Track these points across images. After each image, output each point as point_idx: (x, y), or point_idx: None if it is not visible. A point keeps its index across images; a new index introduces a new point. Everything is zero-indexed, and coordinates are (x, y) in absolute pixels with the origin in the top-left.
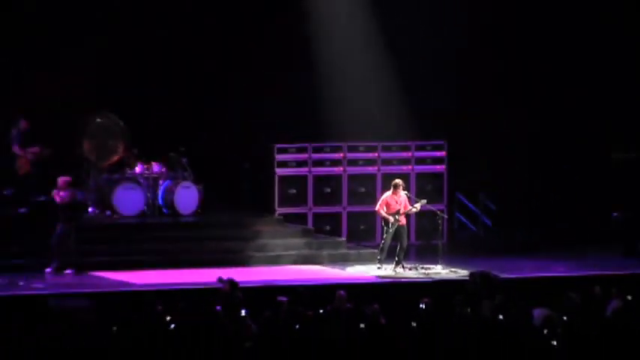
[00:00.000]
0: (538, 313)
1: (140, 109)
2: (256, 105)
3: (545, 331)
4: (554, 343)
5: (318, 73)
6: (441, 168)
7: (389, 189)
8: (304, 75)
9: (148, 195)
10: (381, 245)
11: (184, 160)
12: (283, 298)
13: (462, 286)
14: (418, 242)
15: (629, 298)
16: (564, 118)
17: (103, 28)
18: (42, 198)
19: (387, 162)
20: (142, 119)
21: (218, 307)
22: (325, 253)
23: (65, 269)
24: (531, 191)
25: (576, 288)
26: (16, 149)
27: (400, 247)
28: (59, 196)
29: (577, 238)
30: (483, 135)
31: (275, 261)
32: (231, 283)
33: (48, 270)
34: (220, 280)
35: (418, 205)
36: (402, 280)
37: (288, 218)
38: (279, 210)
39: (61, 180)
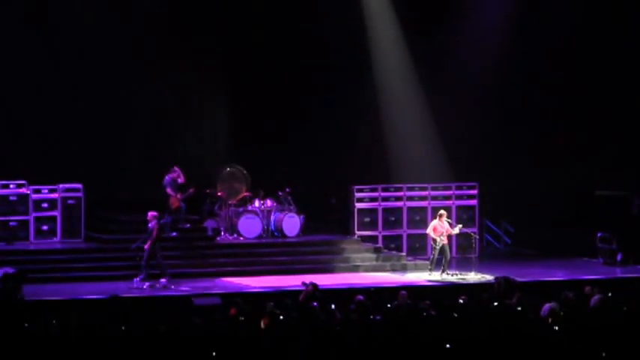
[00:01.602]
0: (547, 306)
1: (262, 162)
2: (340, 156)
3: (550, 320)
4: (556, 328)
5: (384, 128)
6: (473, 202)
7: (436, 218)
8: (375, 131)
9: (264, 223)
10: (431, 258)
11: (290, 197)
12: (403, 293)
13: (490, 287)
14: (458, 255)
15: (609, 294)
16: (559, 165)
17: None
18: (187, 226)
19: (435, 198)
20: (260, 169)
21: (314, 303)
22: (391, 264)
23: (159, 279)
24: (539, 218)
25: (571, 288)
26: (169, 191)
27: (445, 259)
28: (150, 224)
29: (571, 252)
30: (504, 178)
31: (354, 270)
32: (314, 285)
33: (136, 280)
34: (304, 283)
35: (457, 229)
36: (446, 283)
37: (364, 239)
38: (358, 233)
39: (150, 214)
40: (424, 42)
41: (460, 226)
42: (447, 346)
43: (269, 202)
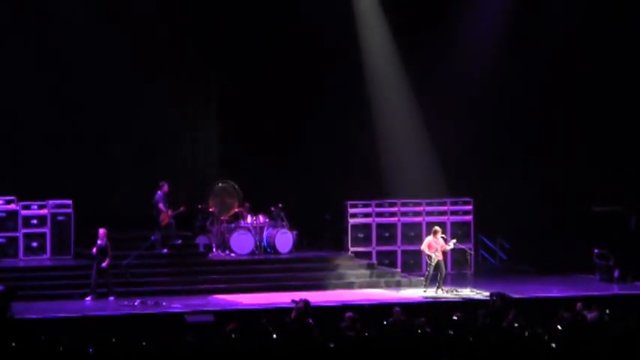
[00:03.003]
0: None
1: (252, 176)
2: (333, 172)
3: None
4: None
5: (379, 143)
6: (469, 218)
7: (430, 234)
8: (369, 146)
9: (256, 239)
10: (426, 274)
11: (282, 213)
12: (397, 309)
13: (485, 304)
14: (453, 272)
15: (607, 311)
16: (556, 180)
17: (222, 119)
18: (178, 242)
19: (429, 214)
20: (252, 184)
21: (310, 320)
22: (385, 280)
23: (107, 297)
24: (535, 234)
25: (568, 305)
26: (161, 207)
27: (440, 276)
28: (103, 242)
29: (568, 268)
30: (499, 193)
31: (348, 286)
32: (305, 302)
33: (87, 299)
34: (294, 301)
35: (451, 244)
36: (442, 299)
37: (357, 255)
38: (352, 249)
39: (102, 232)
40: (418, 55)
41: (454, 241)
42: None
43: (261, 218)
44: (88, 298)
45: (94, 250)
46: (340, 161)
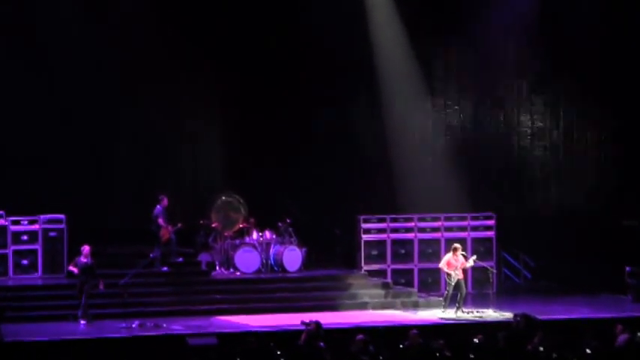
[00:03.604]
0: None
1: (258, 189)
2: (345, 184)
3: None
4: None
5: (392, 155)
6: (491, 234)
7: (450, 251)
8: (383, 157)
9: (263, 256)
10: (445, 294)
11: (290, 228)
12: (414, 332)
13: (509, 326)
14: (474, 291)
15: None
16: (583, 192)
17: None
18: (179, 259)
19: (448, 229)
20: (258, 197)
21: (321, 343)
22: (401, 300)
23: (78, 321)
24: (561, 250)
25: (597, 326)
26: (160, 222)
27: (460, 295)
28: (88, 260)
29: (597, 287)
30: (523, 207)
31: (361, 307)
32: (317, 324)
33: (83, 323)
34: (303, 322)
35: (471, 261)
36: (462, 321)
37: (371, 273)
38: (365, 267)
39: (86, 249)
40: (435, 53)
41: (475, 258)
42: None
43: (268, 234)
44: (83, 322)
45: (75, 269)
46: (352, 172)
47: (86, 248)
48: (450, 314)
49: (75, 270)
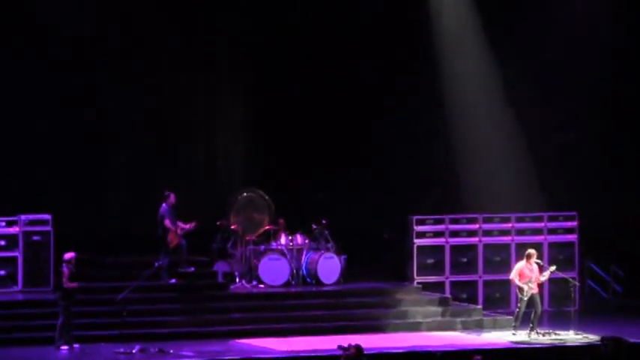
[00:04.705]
0: None
1: (287, 184)
2: (395, 177)
3: None
4: None
5: (454, 145)
6: (572, 237)
7: (522, 258)
8: (440, 147)
9: (293, 265)
10: (516, 312)
11: (327, 232)
12: (478, 358)
13: (594, 351)
14: (551, 309)
15: None
16: None
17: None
18: (191, 269)
19: (520, 232)
20: (287, 194)
21: None
22: (462, 320)
23: (58, 347)
24: None
25: None
26: (167, 223)
27: (534, 314)
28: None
29: None
30: (614, 207)
31: (414, 328)
32: (358, 348)
33: (77, 347)
34: (341, 347)
35: (547, 273)
36: (536, 345)
37: (426, 287)
38: (418, 279)
39: (68, 256)
40: (507, 37)
41: (553, 267)
42: None
43: (299, 239)
44: (64, 348)
45: (68, 282)
46: (403, 166)
47: (71, 254)
48: (522, 337)
49: (70, 284)
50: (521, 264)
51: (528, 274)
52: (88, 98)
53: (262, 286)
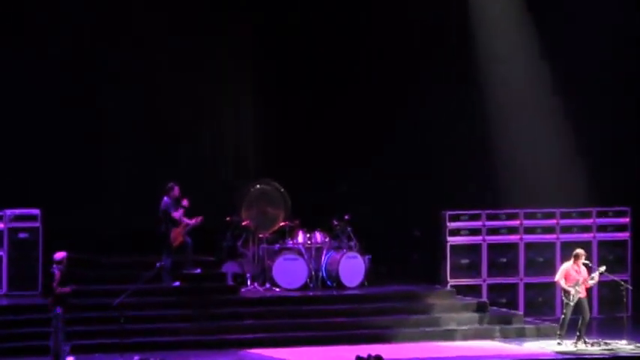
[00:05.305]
0: None
1: (305, 176)
2: (426, 169)
3: None
4: None
5: (491, 136)
6: (624, 235)
7: (569, 258)
8: (477, 138)
9: (311, 266)
10: (562, 319)
11: (349, 228)
12: None
13: None
14: (601, 315)
15: None
16: None
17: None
18: (197, 271)
19: (566, 229)
20: (305, 187)
21: None
22: (501, 327)
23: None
24: None
25: None
26: (176, 215)
27: (582, 321)
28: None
29: None
30: None
31: (447, 336)
32: (378, 359)
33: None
34: (359, 358)
35: (596, 275)
36: (584, 356)
37: (460, 290)
38: (451, 281)
39: (59, 255)
40: (550, 17)
41: (602, 269)
42: None
43: (319, 236)
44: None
45: (59, 287)
46: (435, 156)
47: (62, 254)
48: (568, 346)
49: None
50: (567, 265)
51: (575, 277)
52: (88, 98)
53: (277, 289)
